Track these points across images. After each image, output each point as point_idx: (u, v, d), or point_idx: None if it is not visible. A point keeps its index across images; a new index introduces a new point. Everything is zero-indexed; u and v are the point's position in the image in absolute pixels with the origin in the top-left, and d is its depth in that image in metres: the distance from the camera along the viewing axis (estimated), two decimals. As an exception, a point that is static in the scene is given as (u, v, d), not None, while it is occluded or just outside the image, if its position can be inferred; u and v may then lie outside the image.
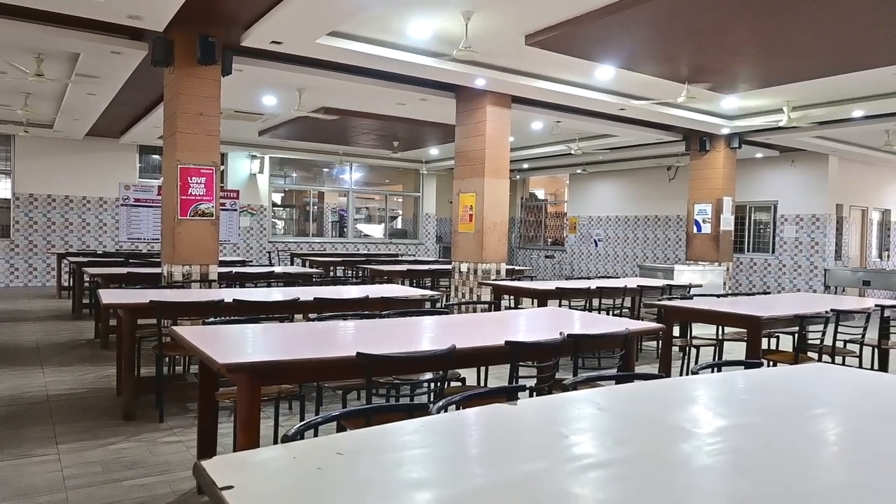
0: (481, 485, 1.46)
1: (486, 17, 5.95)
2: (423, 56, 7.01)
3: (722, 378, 2.66)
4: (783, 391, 2.48)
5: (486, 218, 8.44)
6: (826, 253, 12.69)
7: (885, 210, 14.52)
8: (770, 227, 13.54)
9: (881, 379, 2.88)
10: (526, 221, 19.54)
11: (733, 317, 5.21)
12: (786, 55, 6.81)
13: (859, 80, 7.69)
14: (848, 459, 1.78)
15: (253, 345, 3.17)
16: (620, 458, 1.64)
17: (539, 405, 2.22)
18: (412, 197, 18.17)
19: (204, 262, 6.47)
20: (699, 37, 6.28)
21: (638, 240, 16.01)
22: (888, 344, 5.89)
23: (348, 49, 6.60)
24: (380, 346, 2.98)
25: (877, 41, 6.18)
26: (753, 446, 1.80)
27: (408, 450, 1.66)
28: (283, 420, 4.21)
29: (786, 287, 13.14)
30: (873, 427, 2.05)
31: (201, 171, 6.41)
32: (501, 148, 8.55)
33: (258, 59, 7.01)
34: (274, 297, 5.16)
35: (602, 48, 6.71)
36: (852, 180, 13.32)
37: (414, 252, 17.51)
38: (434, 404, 2.05)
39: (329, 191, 17.21)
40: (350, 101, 9.47)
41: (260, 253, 15.23)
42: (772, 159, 13.12)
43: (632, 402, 2.24)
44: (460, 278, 8.75)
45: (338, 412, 1.97)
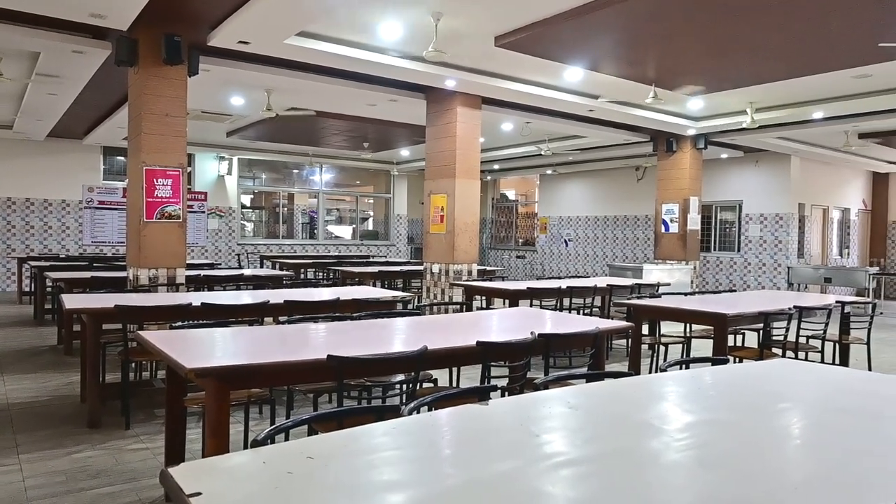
0: (453, 485, 1.46)
1: (456, 18, 5.96)
2: (393, 57, 7.00)
3: (690, 375, 2.71)
4: (749, 387, 2.53)
5: (457, 219, 8.45)
6: (789, 251, 12.99)
7: (845, 209, 14.92)
8: (735, 226, 13.82)
9: (842, 373, 2.96)
10: (497, 222, 19.62)
11: (700, 314, 5.31)
12: (748, 58, 6.96)
13: (819, 82, 7.89)
14: (811, 453, 1.82)
15: (222, 349, 3.13)
16: (591, 456, 1.66)
17: (510, 405, 2.23)
18: (383, 198, 18.11)
19: (171, 266, 6.36)
20: (664, 39, 6.38)
21: (607, 239, 16.20)
22: (848, 339, 6.05)
23: (317, 49, 6.55)
24: (351, 348, 2.97)
25: (835, 45, 6.35)
26: (720, 441, 1.83)
27: (379, 452, 1.65)
28: (253, 425, 4.16)
29: (751, 285, 13.42)
30: (835, 420, 2.10)
31: (167, 172, 6.30)
32: (472, 149, 8.58)
33: (225, 59, 6.91)
34: (243, 300, 5.10)
35: (571, 50, 6.78)
36: (813, 180, 13.67)
37: (385, 253, 17.46)
38: (405, 406, 2.04)
39: (299, 192, 17.06)
40: (320, 102, 9.40)
41: (229, 255, 15.03)
42: (736, 160, 13.39)
43: (602, 400, 2.27)
44: (432, 279, 8.75)
45: (308, 415, 1.95)
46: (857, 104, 8.68)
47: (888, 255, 15.57)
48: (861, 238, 15.54)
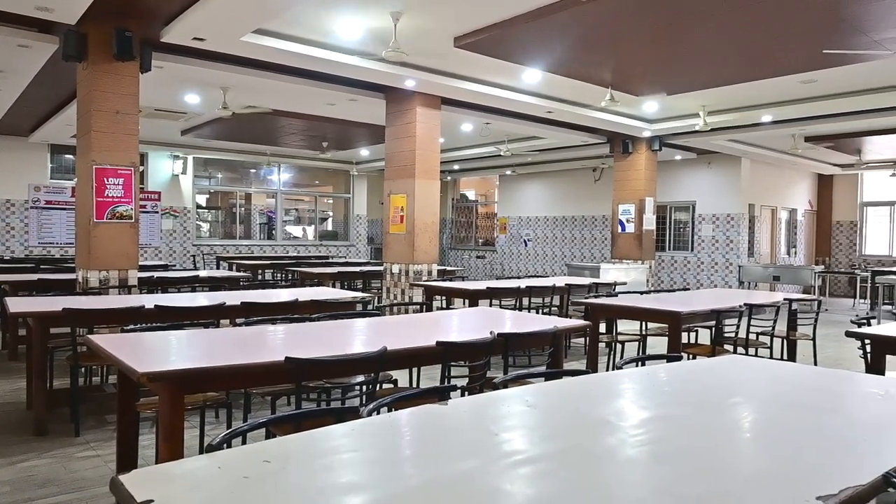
0: (413, 486, 1.46)
1: (416, 18, 5.96)
2: (352, 56, 6.95)
3: (645, 372, 2.77)
4: (701, 383, 2.60)
5: (417, 219, 8.44)
6: (740, 250, 13.38)
7: (792, 209, 15.44)
8: (689, 226, 14.16)
9: (789, 368, 3.06)
10: (457, 222, 19.68)
11: (655, 313, 5.42)
12: (701, 63, 7.15)
13: (768, 87, 8.15)
14: (760, 446, 1.88)
15: (176, 352, 3.06)
16: (549, 454, 1.68)
17: (470, 404, 2.24)
18: (342, 198, 17.97)
19: (122, 267, 6.18)
20: (620, 43, 6.50)
21: (566, 239, 16.40)
22: (795, 335, 6.26)
23: (275, 48, 6.46)
24: (310, 349, 2.94)
25: (783, 51, 6.57)
26: (674, 436, 1.87)
27: (338, 454, 1.64)
28: (209, 429, 4.08)
29: (704, 283, 13.77)
30: (783, 414, 2.17)
31: (119, 171, 6.13)
32: (432, 149, 8.58)
33: (180, 56, 6.76)
34: (199, 303, 4.99)
35: (529, 52, 6.84)
36: (762, 181, 14.10)
37: (345, 254, 17.33)
38: (365, 407, 2.03)
39: (256, 192, 16.79)
40: (278, 101, 9.27)
41: (184, 257, 14.69)
42: (690, 161, 13.73)
43: (560, 398, 2.30)
44: (392, 280, 8.72)
45: (265, 419, 1.92)
46: (804, 108, 9.00)
47: (832, 254, 16.18)
48: (807, 237, 16.11)
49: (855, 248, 15.81)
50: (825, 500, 1.37)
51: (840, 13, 5.44)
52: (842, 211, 16.07)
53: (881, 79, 7.72)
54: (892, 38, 5.79)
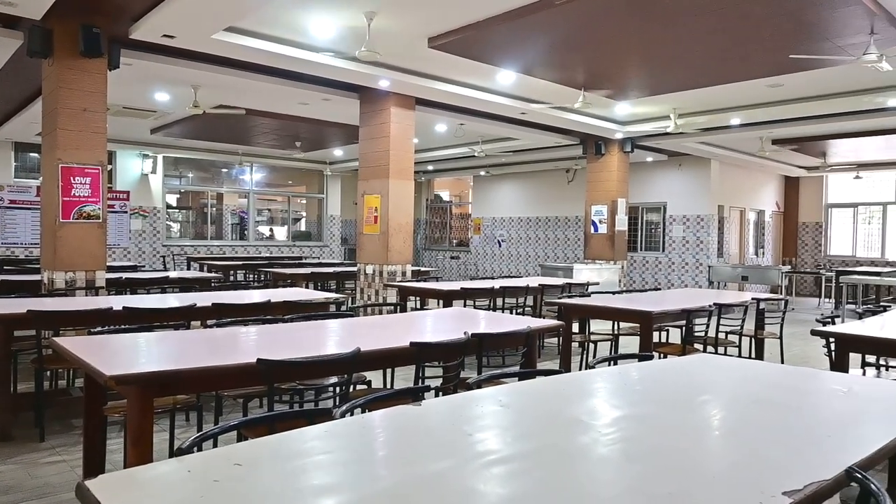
0: (386, 486, 1.45)
1: (389, 18, 5.94)
2: (325, 55, 6.91)
3: (617, 371, 2.80)
4: (672, 381, 2.64)
5: (391, 219, 8.42)
6: (710, 250, 13.60)
7: (760, 211, 15.75)
8: (660, 226, 14.36)
9: (757, 366, 3.12)
10: (431, 223, 19.67)
11: (627, 312, 5.49)
12: (670, 66, 7.25)
13: (736, 90, 8.31)
14: (729, 443, 1.91)
15: (146, 354, 3.01)
16: (522, 453, 1.69)
17: (444, 405, 2.24)
18: (316, 198, 17.84)
19: (90, 268, 6.06)
20: (593, 46, 6.57)
21: (539, 240, 16.51)
22: (763, 334, 6.39)
23: (247, 46, 6.39)
24: (282, 351, 2.91)
25: (750, 55, 6.70)
26: (645, 435, 1.90)
27: (310, 456, 1.63)
28: (179, 433, 4.01)
29: (674, 283, 13.97)
30: (751, 412, 2.22)
31: (86, 170, 6.00)
32: (406, 149, 8.57)
33: (149, 53, 6.64)
34: (169, 304, 4.92)
35: (503, 53, 6.88)
36: (731, 183, 14.36)
37: (318, 254, 17.20)
38: (338, 408, 2.02)
39: (228, 192, 16.58)
40: (250, 100, 9.17)
41: (153, 257, 14.45)
42: (661, 163, 13.91)
43: (533, 398, 2.31)
44: (366, 280, 8.69)
45: (236, 421, 1.90)
46: (771, 112, 9.19)
47: (798, 255, 16.54)
48: (774, 238, 16.44)
49: (820, 249, 16.18)
50: (791, 496, 1.40)
51: (805, 20, 5.57)
52: (807, 212, 16.43)
53: (844, 84, 7.92)
54: (854, 44, 5.94)
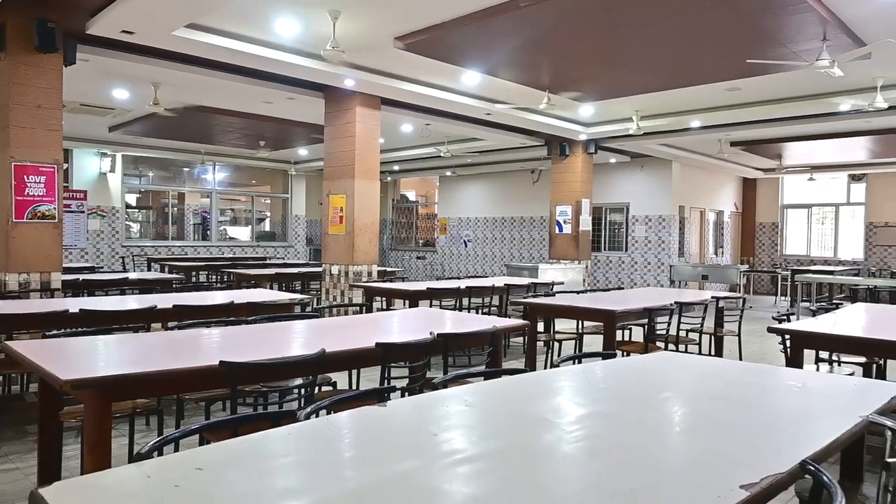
0: (351, 488, 1.45)
1: (355, 17, 5.91)
2: (289, 54, 6.84)
3: (581, 369, 2.83)
4: (634, 379, 2.68)
5: (356, 219, 8.37)
6: (671, 250, 13.87)
7: (719, 211, 16.11)
8: (623, 227, 14.58)
9: (717, 363, 3.19)
10: (397, 223, 19.63)
11: (591, 312, 5.56)
12: (632, 69, 7.37)
13: (696, 93, 8.49)
14: (689, 439, 1.95)
15: (104, 358, 2.93)
16: (487, 452, 1.70)
17: (409, 405, 2.24)
18: (280, 198, 17.64)
19: (45, 269, 5.88)
20: (557, 48, 6.64)
21: (505, 240, 16.61)
22: (722, 332, 6.54)
23: (209, 43, 6.28)
24: (246, 353, 2.87)
25: (709, 60, 6.86)
26: (609, 432, 1.92)
27: (274, 459, 1.61)
28: (138, 437, 3.93)
29: (637, 282, 14.21)
30: (710, 407, 2.27)
31: (40, 169, 5.83)
32: (371, 149, 8.53)
33: (107, 49, 6.47)
34: (128, 306, 4.81)
35: (468, 54, 6.90)
36: (692, 184, 14.66)
37: (283, 255, 17.00)
38: (302, 410, 2.00)
39: (190, 191, 16.28)
40: (212, 98, 9.03)
41: (112, 258, 14.09)
42: (624, 164, 14.13)
43: (499, 397, 2.32)
44: (331, 281, 8.62)
45: (198, 425, 1.87)
46: (729, 115, 9.42)
47: (756, 254, 16.98)
48: (733, 238, 16.84)
49: (776, 248, 16.63)
50: (748, 489, 1.43)
51: (761, 26, 5.73)
52: (764, 213, 16.88)
53: (799, 88, 8.16)
54: (808, 50, 6.13)
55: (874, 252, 14.99)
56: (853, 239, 15.46)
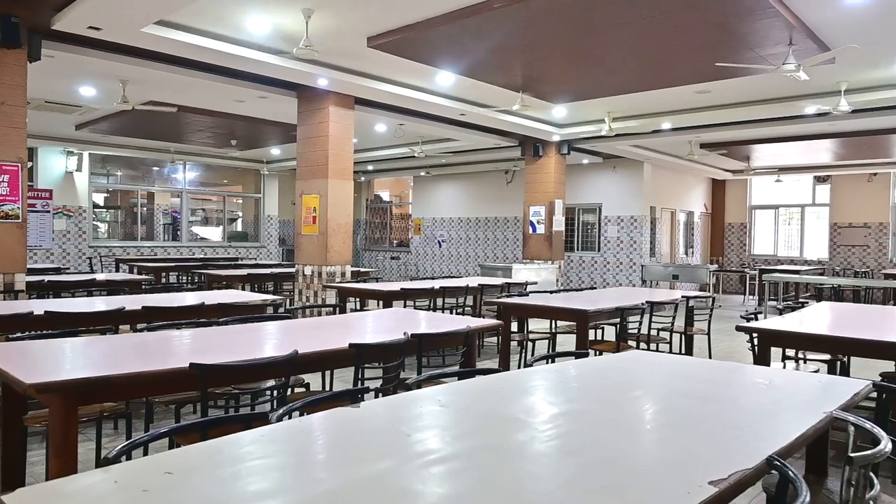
0: (324, 490, 1.44)
1: (328, 16, 5.87)
2: (262, 52, 6.76)
3: (554, 369, 2.85)
4: (607, 378, 2.71)
5: (330, 220, 8.32)
6: (643, 250, 14.04)
7: (690, 212, 16.37)
8: (596, 227, 14.73)
9: (687, 362, 3.24)
10: (371, 223, 19.56)
11: (564, 311, 5.60)
12: (605, 71, 7.45)
13: (667, 96, 8.61)
14: (659, 436, 1.98)
15: (70, 361, 2.87)
16: (461, 452, 1.70)
17: (383, 406, 2.24)
18: (253, 198, 17.45)
19: (8, 271, 5.74)
20: (531, 50, 6.67)
21: (479, 240, 16.66)
22: (692, 330, 6.64)
23: (179, 41, 6.18)
24: (217, 355, 2.83)
25: (679, 62, 6.96)
26: (581, 430, 1.94)
27: (246, 462, 1.59)
28: (106, 442, 3.85)
29: (609, 282, 14.36)
30: (680, 405, 2.30)
31: (4, 167, 5.68)
32: (345, 149, 8.48)
33: (74, 46, 6.33)
34: (95, 308, 4.71)
35: (442, 55, 6.90)
36: (663, 185, 14.87)
37: (255, 255, 16.83)
38: (274, 412, 1.98)
39: (160, 191, 16.02)
40: (183, 96, 8.89)
41: (79, 259, 13.80)
42: (596, 165, 14.28)
43: (472, 397, 2.33)
44: (304, 281, 8.56)
45: (167, 428, 1.84)
46: (699, 117, 9.57)
47: (725, 254, 17.28)
48: (703, 238, 17.12)
49: (745, 248, 16.95)
50: (717, 485, 1.46)
51: (729, 30, 5.83)
52: (733, 213, 17.19)
53: (766, 91, 8.33)
54: (775, 54, 6.25)
55: (838, 252, 15.36)
56: (818, 239, 15.83)
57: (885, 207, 14.80)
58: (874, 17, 5.63)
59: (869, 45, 6.29)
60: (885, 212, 14.81)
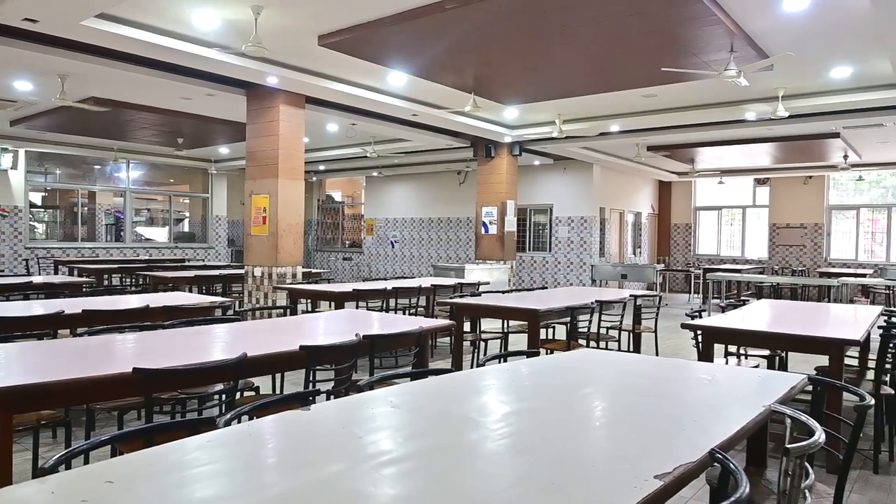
0: (273, 495, 1.41)
1: (278, 13, 5.78)
2: (209, 49, 6.61)
3: (506, 368, 2.88)
4: (557, 376, 2.75)
5: (280, 220, 8.20)
6: (592, 250, 14.31)
7: (637, 213, 16.76)
8: (547, 227, 14.93)
9: (634, 359, 3.32)
10: (323, 223, 19.34)
11: (516, 311, 5.66)
12: (554, 74, 7.57)
13: (615, 99, 8.80)
14: (608, 432, 2.02)
15: (4, 367, 2.74)
16: (412, 453, 1.70)
17: (334, 408, 2.21)
18: (200, 198, 17.03)
19: (-64, 274, 5.45)
20: (482, 52, 6.72)
21: (432, 241, 16.67)
22: (640, 328, 6.80)
23: (122, 35, 5.99)
24: (162, 359, 2.76)
25: (627, 67, 7.12)
26: (532, 428, 1.97)
27: (192, 468, 1.55)
28: (44, 451, 3.70)
29: (560, 282, 14.58)
30: (628, 401, 2.36)
31: (-69, 165, 5.39)
32: (296, 148, 8.37)
33: (8, 38, 6.06)
34: (33, 311, 4.51)
35: (394, 55, 6.88)
36: (612, 187, 15.19)
37: (203, 257, 16.44)
38: (222, 417, 1.94)
39: (102, 190, 15.47)
40: (125, 92, 8.61)
41: (14, 261, 13.21)
42: (547, 166, 14.47)
43: (425, 398, 2.33)
44: (254, 283, 8.40)
45: (108, 435, 1.78)
46: (646, 120, 9.82)
47: (671, 254, 17.77)
48: (650, 238, 17.56)
49: (690, 248, 17.46)
50: (662, 479, 1.50)
51: (674, 36, 6.00)
52: (678, 214, 17.69)
53: (710, 96, 8.60)
54: (717, 60, 6.47)
55: (777, 251, 15.98)
56: (758, 239, 16.44)
57: (820, 209, 15.48)
58: (810, 26, 5.88)
59: (805, 53, 6.57)
60: (819, 213, 15.49)
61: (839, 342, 3.84)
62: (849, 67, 7.16)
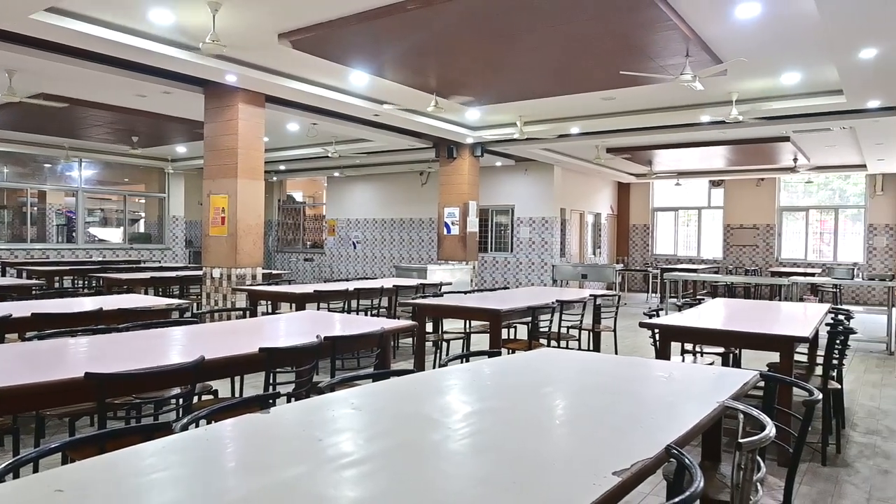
0: (232, 500, 1.39)
1: (237, 10, 5.69)
2: (165, 45, 6.47)
3: (468, 368, 2.89)
4: (518, 375, 2.77)
5: (239, 220, 8.06)
6: (553, 251, 14.47)
7: (597, 213, 17.02)
8: (509, 228, 15.04)
9: (594, 358, 3.37)
10: (283, 224, 19.11)
11: (478, 311, 5.69)
12: (514, 76, 7.63)
13: (575, 101, 8.92)
14: (568, 430, 2.05)
15: (-54, 374, 2.63)
16: (374, 455, 1.69)
17: (294, 411, 2.19)
18: (156, 198, 16.64)
19: None
20: (443, 53, 6.74)
21: (394, 241, 16.62)
22: (600, 328, 6.90)
23: (74, 30, 5.81)
24: (116, 363, 2.69)
25: (587, 70, 7.22)
26: (493, 427, 1.98)
27: (147, 475, 1.52)
28: (-9, 460, 3.56)
29: (522, 282, 14.70)
30: (587, 400, 2.39)
31: None
32: (255, 148, 8.25)
33: (-50, 31, 5.84)
34: (-23, 315, 4.34)
35: (355, 54, 6.84)
36: (572, 188, 15.39)
37: (160, 258, 16.06)
38: (178, 422, 1.90)
39: (53, 189, 14.99)
40: (78, 89, 8.36)
41: (-42, 263, 12.69)
42: (509, 168, 14.58)
43: (386, 399, 2.32)
44: (212, 285, 8.25)
45: (59, 443, 1.72)
46: (605, 123, 9.98)
47: (630, 254, 18.09)
48: (609, 239, 17.84)
49: (648, 249, 17.81)
50: (620, 475, 1.53)
51: (631, 40, 6.11)
52: (637, 215, 18.02)
53: (667, 100, 8.79)
54: (673, 64, 6.61)
55: (731, 251, 16.42)
56: (713, 239, 16.87)
57: (772, 210, 15.97)
58: (761, 33, 6.06)
59: (757, 58, 6.76)
60: (771, 214, 15.98)
61: (789, 339, 3.97)
62: (798, 73, 7.41)
